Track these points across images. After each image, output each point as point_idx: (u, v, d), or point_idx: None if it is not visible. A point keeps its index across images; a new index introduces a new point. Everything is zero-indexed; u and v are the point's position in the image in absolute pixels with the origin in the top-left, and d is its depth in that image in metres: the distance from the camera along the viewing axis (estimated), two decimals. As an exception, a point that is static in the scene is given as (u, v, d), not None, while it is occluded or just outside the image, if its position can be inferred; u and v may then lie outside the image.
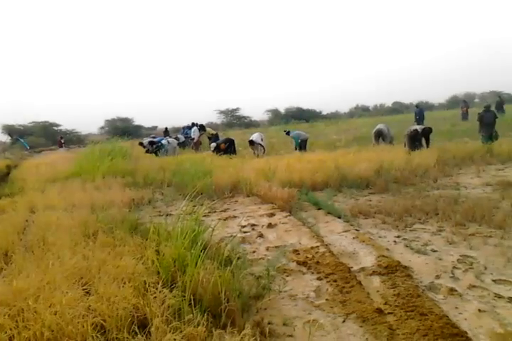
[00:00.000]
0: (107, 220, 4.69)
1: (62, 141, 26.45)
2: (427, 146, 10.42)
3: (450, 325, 2.43)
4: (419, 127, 10.83)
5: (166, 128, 23.75)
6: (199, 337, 2.27)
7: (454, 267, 3.35)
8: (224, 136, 16.88)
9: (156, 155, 14.25)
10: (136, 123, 45.16)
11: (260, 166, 8.54)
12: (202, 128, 16.74)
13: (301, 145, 12.69)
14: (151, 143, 15.41)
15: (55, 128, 40.32)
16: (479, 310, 2.63)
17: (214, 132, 16.33)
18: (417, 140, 10.35)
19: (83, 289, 2.80)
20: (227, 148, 13.13)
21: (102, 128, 44.61)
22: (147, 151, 14.82)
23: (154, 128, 46.14)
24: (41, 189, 7.98)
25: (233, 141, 13.87)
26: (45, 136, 37.73)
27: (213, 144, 13.71)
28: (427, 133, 10.51)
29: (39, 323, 2.34)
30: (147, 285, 2.79)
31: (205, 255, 3.12)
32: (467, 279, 3.10)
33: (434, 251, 3.74)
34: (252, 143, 12.81)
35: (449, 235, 4.12)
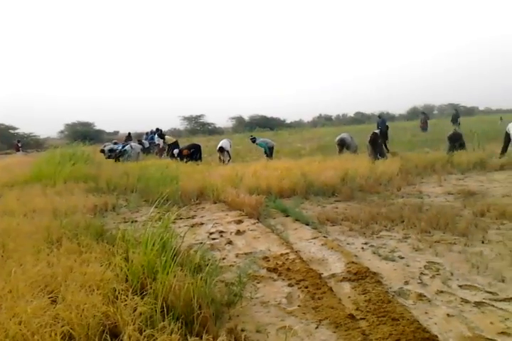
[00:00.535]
0: (70, 226, 4.54)
1: (20, 145, 25.54)
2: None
3: (421, 329, 2.47)
4: (377, 130, 11.08)
5: (129, 133, 23.38)
6: (173, 345, 2.22)
7: (422, 273, 3.42)
8: (188, 143, 16.67)
9: (118, 161, 13.96)
10: (97, 127, 44.37)
11: (227, 173, 8.52)
12: (160, 135, 16.48)
13: (268, 152, 12.76)
14: (110, 150, 15.12)
15: (12, 131, 39.06)
16: (448, 315, 2.69)
17: (174, 140, 15.99)
18: (378, 144, 10.57)
19: (49, 297, 2.68)
20: (193, 154, 13.00)
21: (62, 132, 43.65)
22: (108, 157, 14.53)
23: (116, 133, 45.47)
24: (-3, 194, 7.66)
25: (199, 147, 13.72)
26: (0, 140, 36.48)
27: (176, 150, 13.57)
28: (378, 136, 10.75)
29: (2, 334, 2.22)
30: (117, 293, 2.71)
31: (174, 262, 3.06)
32: (435, 285, 3.17)
33: (402, 257, 3.81)
34: (221, 149, 12.75)
35: (414, 242, 4.21)
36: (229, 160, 12.61)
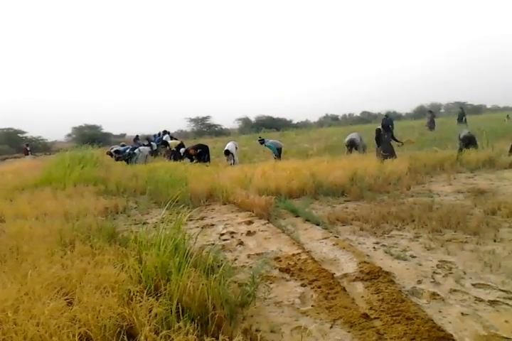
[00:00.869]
0: (83, 229, 4.59)
1: (28, 149, 25.70)
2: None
3: (436, 328, 2.47)
4: (379, 126, 11.04)
5: (137, 136, 23.48)
6: (190, 346, 2.24)
7: (434, 272, 3.41)
8: (195, 144, 16.66)
9: (127, 163, 14.04)
10: (105, 130, 44.60)
11: (236, 174, 8.53)
12: (164, 143, 16.43)
13: (276, 153, 12.77)
14: (116, 152, 15.25)
15: (20, 135, 39.33)
16: (462, 314, 2.68)
17: (178, 142, 15.79)
18: (383, 141, 10.55)
19: (65, 299, 2.71)
20: (200, 154, 12.99)
21: (69, 135, 43.89)
22: (117, 159, 14.63)
23: (123, 135, 45.65)
24: (9, 197, 7.72)
25: (207, 147, 13.69)
26: (9, 144, 36.74)
27: (182, 149, 13.57)
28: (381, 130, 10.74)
29: (21, 335, 2.25)
30: (132, 294, 2.74)
31: (188, 263, 3.09)
32: (448, 284, 3.17)
33: (413, 256, 3.81)
34: (227, 152, 12.74)
35: (426, 241, 4.20)
36: (234, 163, 12.56)
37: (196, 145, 13.78)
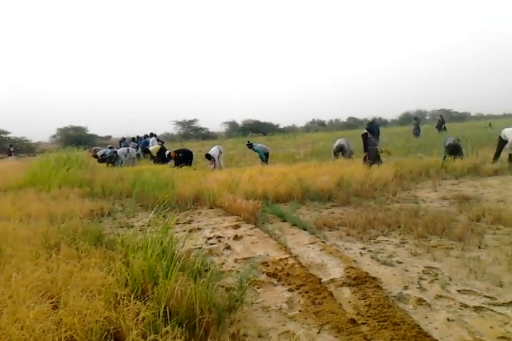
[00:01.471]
0: (68, 231, 4.53)
1: (12, 149, 25.37)
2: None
3: (422, 333, 2.49)
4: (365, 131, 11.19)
5: (124, 138, 23.29)
6: (178, 351, 2.22)
7: (420, 278, 3.44)
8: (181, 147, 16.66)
9: (113, 165, 13.98)
10: (90, 132, 44.21)
11: (223, 178, 8.53)
12: (145, 150, 16.70)
13: (263, 158, 12.82)
14: (102, 155, 15.30)
15: (3, 135, 38.75)
16: (448, 319, 2.71)
17: (159, 147, 15.87)
18: (368, 144, 10.71)
19: (50, 303, 2.67)
20: (182, 159, 13.00)
21: (54, 136, 43.39)
22: (100, 161, 14.59)
23: (108, 137, 45.30)
24: (-8, 198, 7.60)
25: (191, 153, 13.73)
26: (-9, 144, 36.19)
27: (168, 152, 13.66)
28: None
29: (5, 339, 2.21)
30: (118, 298, 2.71)
31: (175, 267, 3.07)
32: (434, 290, 3.20)
33: (400, 262, 3.84)
34: (208, 157, 12.77)
35: (412, 247, 4.24)
36: (215, 167, 12.56)
37: (178, 150, 13.79)
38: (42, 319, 2.38)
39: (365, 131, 11.11)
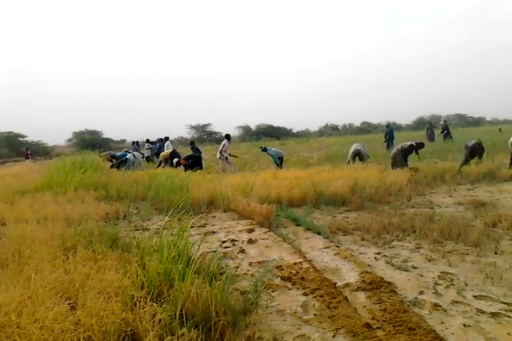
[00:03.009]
0: (84, 234, 4.59)
1: (29, 152, 25.75)
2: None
3: (438, 339, 2.48)
4: (410, 142, 11.19)
5: (137, 142, 23.48)
6: (194, 353, 2.25)
7: (436, 283, 3.42)
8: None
9: (118, 169, 14.09)
10: (105, 136, 44.74)
11: (237, 182, 8.55)
12: (156, 154, 16.86)
13: (277, 162, 12.87)
14: (113, 156, 15.41)
15: (20, 139, 39.41)
16: (464, 325, 2.69)
17: (169, 151, 15.91)
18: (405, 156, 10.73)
19: (68, 304, 2.71)
20: (193, 164, 13.10)
21: (70, 140, 43.97)
22: (112, 166, 14.68)
23: (123, 141, 45.76)
24: (10, 201, 7.71)
25: (199, 157, 13.85)
26: (8, 147, 36.78)
27: (175, 159, 13.84)
28: (417, 148, 10.98)
29: (24, 339, 2.26)
30: (135, 300, 2.75)
31: (191, 270, 3.09)
32: (449, 295, 3.18)
33: (415, 267, 3.82)
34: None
35: (427, 252, 4.22)
36: (223, 170, 12.86)
37: (188, 156, 13.86)
38: (60, 319, 2.42)
39: (411, 143, 11.13)
